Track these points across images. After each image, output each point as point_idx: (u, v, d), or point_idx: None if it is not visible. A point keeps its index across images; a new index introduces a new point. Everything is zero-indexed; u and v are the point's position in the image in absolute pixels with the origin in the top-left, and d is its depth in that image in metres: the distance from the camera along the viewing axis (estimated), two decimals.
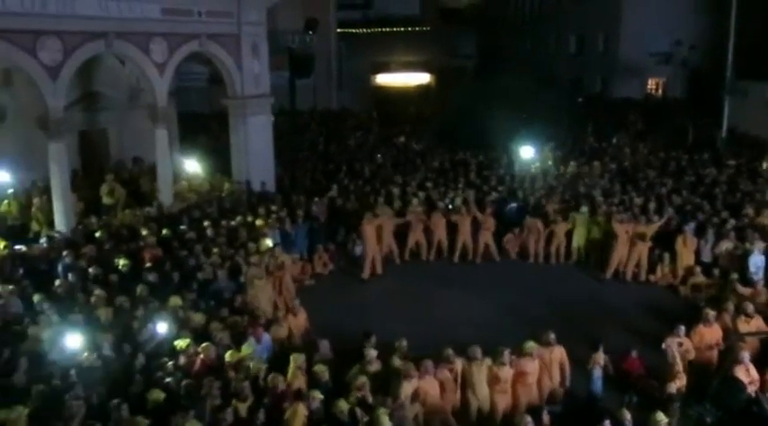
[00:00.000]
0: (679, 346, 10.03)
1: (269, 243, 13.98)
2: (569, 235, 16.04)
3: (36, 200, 15.34)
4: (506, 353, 9.29)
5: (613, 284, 14.95)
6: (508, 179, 19.18)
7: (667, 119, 27.25)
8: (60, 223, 14.43)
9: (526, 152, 20.49)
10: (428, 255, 16.32)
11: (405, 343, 9.82)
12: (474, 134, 22.79)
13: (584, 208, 15.99)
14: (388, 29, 43.46)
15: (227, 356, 9.36)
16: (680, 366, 9.72)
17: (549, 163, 21.06)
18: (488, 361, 9.35)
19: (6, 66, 15.40)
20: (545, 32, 41.15)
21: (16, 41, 13.15)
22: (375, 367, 9.32)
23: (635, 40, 33.15)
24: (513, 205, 16.62)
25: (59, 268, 12.13)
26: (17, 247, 13.23)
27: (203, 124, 25.54)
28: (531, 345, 9.54)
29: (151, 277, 11.75)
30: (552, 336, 9.89)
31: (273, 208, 16.03)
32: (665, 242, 14.93)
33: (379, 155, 22.51)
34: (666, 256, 14.73)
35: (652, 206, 16.15)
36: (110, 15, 14.70)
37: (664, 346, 10.00)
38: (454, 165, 21.13)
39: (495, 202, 16.78)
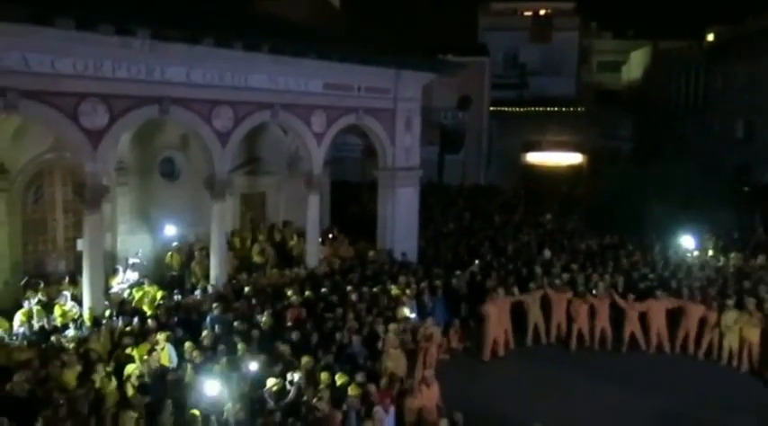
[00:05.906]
0: None
1: (407, 312, 14.02)
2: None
3: (197, 254, 16.46)
4: None
5: None
6: (661, 267, 18.08)
7: None
8: (215, 277, 15.35)
9: (684, 240, 19.30)
10: (569, 340, 15.56)
11: None
12: (626, 218, 21.83)
13: (750, 304, 14.62)
14: (541, 108, 43.38)
15: None
16: None
17: (710, 253, 19.66)
18: None
19: (185, 132, 16.95)
20: (709, 117, 39.15)
21: (196, 109, 14.48)
22: None
23: None
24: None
25: (207, 319, 12.87)
26: (175, 297, 14.27)
27: (354, 193, 26.48)
28: None
29: (293, 335, 12.13)
30: None
31: (412, 278, 16.11)
32: None
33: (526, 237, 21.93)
34: None
35: None
36: (277, 88, 15.87)
37: None
38: (602, 249, 20.28)
39: (644, 290, 15.85)
